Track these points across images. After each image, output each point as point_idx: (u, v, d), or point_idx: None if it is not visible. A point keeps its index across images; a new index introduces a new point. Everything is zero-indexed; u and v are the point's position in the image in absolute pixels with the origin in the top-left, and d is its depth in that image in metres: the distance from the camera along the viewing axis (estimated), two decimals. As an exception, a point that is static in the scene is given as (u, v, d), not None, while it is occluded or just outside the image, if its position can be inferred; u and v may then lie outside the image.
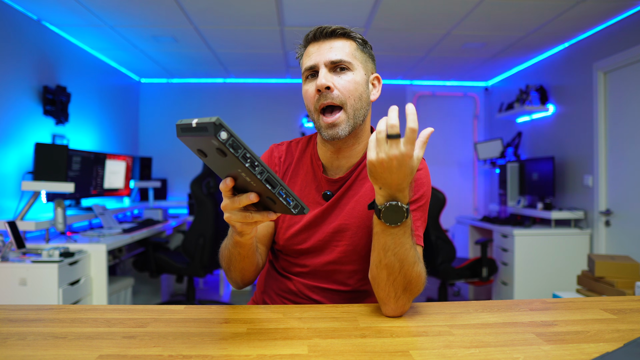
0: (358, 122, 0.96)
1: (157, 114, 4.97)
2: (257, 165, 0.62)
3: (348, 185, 1.02)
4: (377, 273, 0.83)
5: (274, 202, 0.69)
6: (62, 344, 0.70)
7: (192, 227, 3.21)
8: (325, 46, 0.95)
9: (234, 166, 0.63)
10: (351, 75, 0.95)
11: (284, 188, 0.66)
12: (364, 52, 0.99)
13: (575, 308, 0.92)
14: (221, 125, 0.57)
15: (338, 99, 0.93)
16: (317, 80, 0.93)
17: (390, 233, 0.79)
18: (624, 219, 3.05)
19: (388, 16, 3.05)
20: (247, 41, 3.62)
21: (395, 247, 0.80)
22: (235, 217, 0.74)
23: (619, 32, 3.04)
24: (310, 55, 0.96)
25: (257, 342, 0.71)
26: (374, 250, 0.84)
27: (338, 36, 0.96)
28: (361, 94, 0.96)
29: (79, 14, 2.97)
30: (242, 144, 0.60)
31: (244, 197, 0.70)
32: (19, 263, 2.17)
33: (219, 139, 0.57)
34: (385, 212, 0.77)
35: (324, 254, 1.01)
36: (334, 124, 0.94)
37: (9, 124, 2.75)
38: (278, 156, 1.09)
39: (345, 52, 0.95)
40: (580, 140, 3.45)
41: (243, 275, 0.97)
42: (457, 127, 5.17)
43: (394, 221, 0.78)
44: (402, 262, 0.81)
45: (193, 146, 0.65)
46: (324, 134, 0.96)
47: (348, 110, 0.94)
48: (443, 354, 0.67)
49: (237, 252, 0.90)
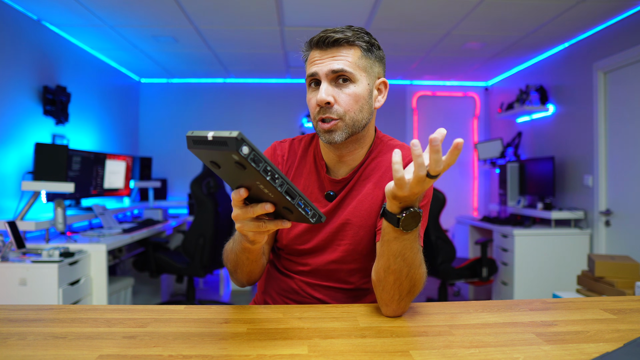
0: (357, 130, 0.96)
1: (157, 114, 4.97)
2: (278, 177, 0.62)
3: (351, 186, 1.02)
4: (384, 277, 0.83)
5: (291, 212, 0.68)
6: (62, 344, 0.70)
7: (192, 227, 3.21)
8: (327, 55, 0.94)
9: (251, 178, 0.63)
10: (352, 88, 0.94)
11: (302, 198, 0.66)
12: (369, 58, 0.97)
13: (575, 308, 0.92)
14: (243, 140, 0.56)
15: (337, 112, 0.93)
16: (318, 94, 0.93)
17: (404, 239, 0.79)
18: (624, 219, 3.05)
19: (388, 16, 3.05)
20: (247, 41, 3.62)
21: (406, 252, 0.80)
22: (248, 227, 0.73)
23: (619, 32, 3.04)
24: (313, 62, 0.96)
25: (257, 342, 0.71)
26: (382, 257, 0.83)
27: (342, 45, 0.94)
28: (362, 106, 0.95)
29: (79, 14, 2.97)
30: (262, 157, 0.59)
31: (258, 207, 0.69)
32: (19, 263, 2.17)
33: (240, 154, 0.57)
34: (405, 220, 0.77)
35: (326, 253, 1.01)
36: (330, 129, 0.94)
37: (9, 124, 2.75)
38: (281, 154, 1.09)
39: (348, 61, 0.93)
40: (580, 140, 3.45)
41: (250, 277, 0.98)
42: (457, 127, 5.16)
43: (412, 227, 0.78)
44: (410, 266, 0.81)
45: (206, 158, 0.64)
46: (321, 137, 0.97)
47: (347, 120, 0.94)
48: (443, 354, 0.67)
49: (245, 257, 0.91)
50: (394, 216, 0.77)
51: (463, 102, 5.18)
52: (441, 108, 5.14)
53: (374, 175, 1.02)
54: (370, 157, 1.03)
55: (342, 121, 0.94)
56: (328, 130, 0.94)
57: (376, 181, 1.01)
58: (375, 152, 1.04)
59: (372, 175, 1.02)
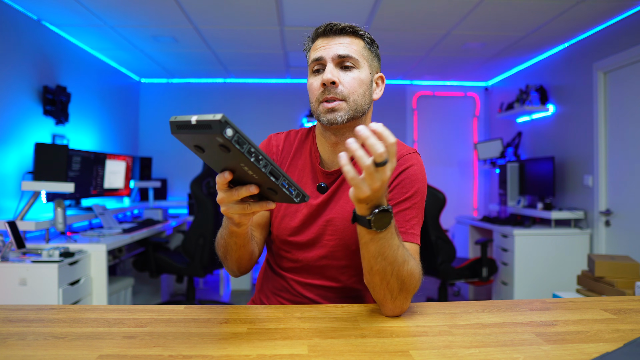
0: (358, 115, 0.97)
1: (157, 114, 4.97)
2: (262, 158, 0.63)
3: (343, 179, 1.02)
4: (370, 279, 0.83)
5: (276, 193, 0.69)
6: (62, 344, 0.70)
7: (192, 227, 3.21)
8: (333, 42, 0.97)
9: (236, 160, 0.63)
10: (357, 73, 0.96)
11: (286, 179, 0.67)
12: (371, 51, 1.01)
13: (575, 308, 0.92)
14: (227, 122, 0.57)
15: (341, 94, 0.95)
16: (324, 75, 0.95)
17: (380, 238, 0.78)
18: (624, 219, 3.05)
19: (388, 16, 3.05)
20: (247, 41, 3.62)
21: (385, 251, 0.79)
22: (233, 210, 0.74)
23: (619, 32, 3.04)
24: (317, 49, 0.98)
25: (257, 342, 0.71)
26: (363, 259, 0.83)
27: (347, 34, 0.98)
28: (365, 91, 0.97)
29: (79, 14, 2.97)
30: (246, 139, 0.60)
31: (243, 189, 0.70)
32: (19, 263, 2.17)
33: (224, 136, 0.57)
34: (375, 220, 0.75)
35: (316, 248, 1.02)
36: (333, 109, 0.95)
37: (9, 124, 2.75)
38: (276, 145, 1.10)
39: (353, 49, 0.96)
40: (580, 140, 3.45)
41: (239, 264, 0.98)
42: (457, 127, 5.17)
43: (384, 225, 0.76)
44: (393, 265, 0.80)
45: (190, 142, 0.65)
46: (322, 118, 0.96)
47: (350, 102, 0.95)
48: (443, 354, 0.67)
49: (233, 241, 0.90)
50: (364, 218, 0.76)
51: (463, 102, 5.18)
52: (441, 108, 5.14)
53: None
54: None
55: (345, 102, 0.95)
56: (330, 110, 0.95)
57: None
58: None
59: None
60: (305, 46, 1.04)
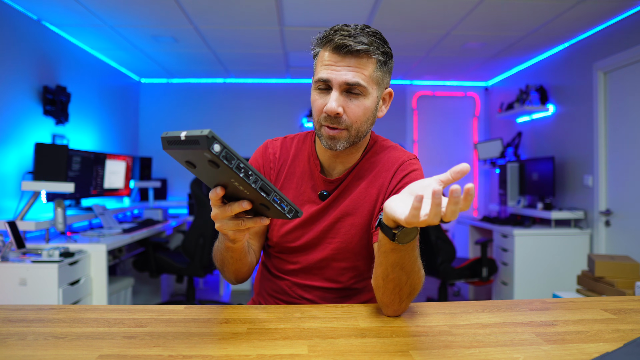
0: (359, 140, 0.97)
1: (157, 114, 4.97)
2: (251, 174, 0.62)
3: (345, 185, 1.02)
4: (384, 284, 0.82)
5: (268, 208, 0.69)
6: (62, 344, 0.70)
7: (192, 227, 3.21)
8: (343, 63, 0.90)
9: (226, 176, 0.63)
10: (363, 101, 0.92)
11: (277, 194, 0.66)
12: (383, 70, 0.94)
13: (575, 308, 0.92)
14: (214, 137, 0.56)
15: (344, 123, 0.92)
16: (328, 104, 0.90)
17: (401, 250, 0.77)
18: (624, 219, 3.05)
19: (388, 16, 3.05)
20: (247, 41, 3.62)
21: (404, 262, 0.79)
22: (227, 226, 0.73)
23: (619, 32, 3.04)
24: (325, 66, 0.92)
25: (257, 342, 0.71)
26: (380, 265, 0.82)
27: (361, 56, 0.90)
28: (368, 117, 0.95)
29: (79, 14, 2.97)
30: (235, 154, 0.59)
31: (236, 205, 0.69)
32: (19, 263, 2.17)
33: (212, 151, 0.57)
34: (400, 235, 0.74)
35: (316, 250, 1.02)
36: (334, 137, 0.93)
37: (9, 124, 2.75)
38: (272, 152, 1.08)
39: (363, 75, 0.91)
40: (580, 140, 3.45)
41: (237, 275, 0.98)
42: (457, 127, 5.17)
43: (408, 240, 0.75)
44: (409, 275, 0.80)
45: (181, 158, 0.65)
46: (322, 141, 0.96)
47: (352, 132, 0.94)
48: (443, 354, 0.67)
49: (229, 255, 0.90)
50: (390, 230, 0.74)
51: (463, 102, 5.18)
52: (441, 108, 5.14)
53: (368, 175, 1.02)
54: (366, 157, 1.03)
55: (347, 131, 0.93)
56: (332, 137, 0.93)
57: (370, 180, 1.01)
58: (370, 152, 1.04)
59: (366, 175, 1.02)
60: (312, 45, 0.98)
